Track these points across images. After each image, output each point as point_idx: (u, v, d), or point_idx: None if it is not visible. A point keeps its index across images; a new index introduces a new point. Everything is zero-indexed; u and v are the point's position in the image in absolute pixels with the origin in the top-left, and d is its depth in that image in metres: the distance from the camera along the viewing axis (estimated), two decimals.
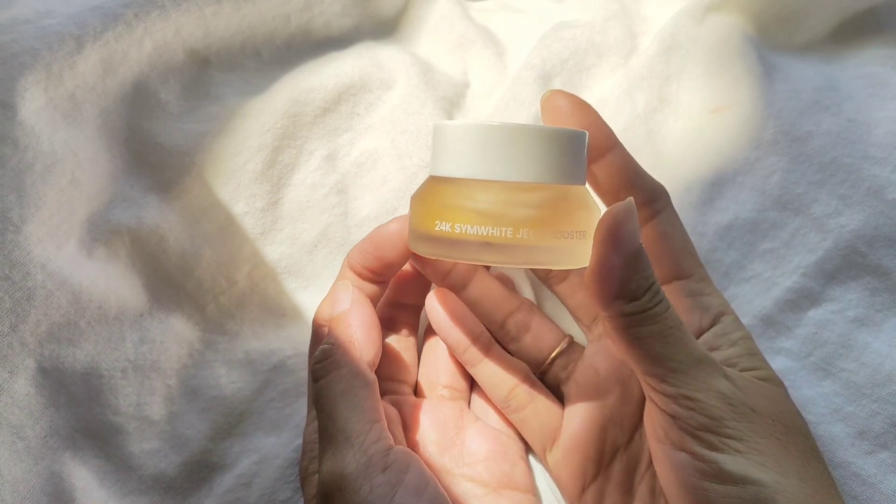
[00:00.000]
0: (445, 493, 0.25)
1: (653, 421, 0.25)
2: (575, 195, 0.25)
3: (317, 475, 0.27)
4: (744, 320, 0.34)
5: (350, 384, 0.26)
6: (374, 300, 0.30)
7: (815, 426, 0.32)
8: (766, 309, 0.34)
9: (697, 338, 0.27)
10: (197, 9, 0.37)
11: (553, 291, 0.33)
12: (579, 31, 0.42)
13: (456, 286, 0.31)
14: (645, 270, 0.24)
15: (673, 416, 0.24)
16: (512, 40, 0.44)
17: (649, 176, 0.29)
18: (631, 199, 0.24)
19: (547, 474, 0.31)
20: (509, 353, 0.32)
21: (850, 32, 0.43)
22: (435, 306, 0.31)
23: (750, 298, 0.34)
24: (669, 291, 0.28)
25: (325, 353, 0.27)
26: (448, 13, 0.43)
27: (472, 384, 0.33)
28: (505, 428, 0.31)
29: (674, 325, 0.24)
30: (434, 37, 0.43)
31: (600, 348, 0.31)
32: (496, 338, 0.32)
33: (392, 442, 0.25)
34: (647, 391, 0.25)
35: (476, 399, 0.33)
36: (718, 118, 0.38)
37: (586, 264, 0.25)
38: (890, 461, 0.31)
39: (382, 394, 0.31)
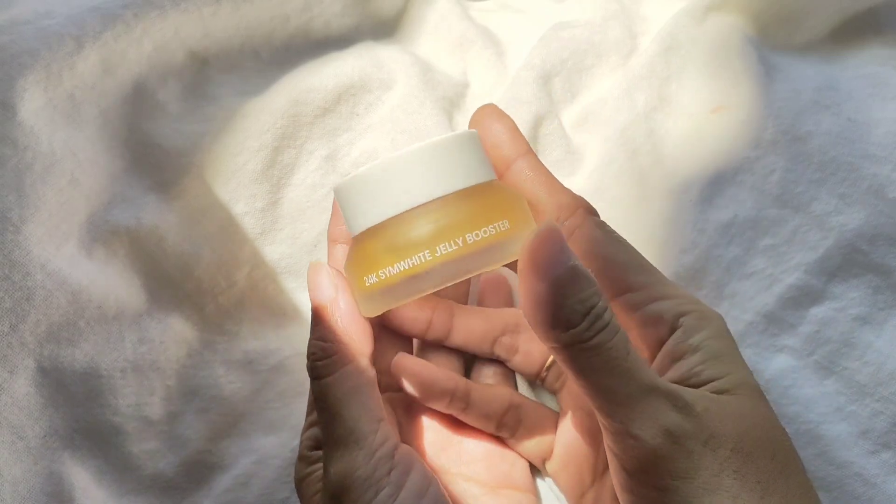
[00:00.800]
0: (446, 494, 0.25)
1: (608, 457, 0.24)
2: (493, 188, 0.25)
3: (313, 477, 0.26)
4: (746, 316, 0.34)
5: (356, 382, 0.25)
6: None
7: (818, 425, 0.32)
8: (768, 305, 0.34)
9: (659, 350, 0.25)
10: (196, 9, 0.37)
11: None
12: (579, 31, 0.42)
13: (439, 337, 0.31)
14: (579, 294, 0.22)
15: (619, 454, 0.23)
16: (512, 40, 0.44)
17: (563, 190, 0.27)
18: (550, 220, 0.23)
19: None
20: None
21: (850, 32, 0.43)
22: (403, 380, 0.30)
23: (751, 295, 0.34)
24: (615, 309, 0.27)
25: (324, 350, 0.25)
26: (448, 13, 0.43)
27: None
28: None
29: (619, 354, 0.22)
30: (434, 37, 0.43)
31: None
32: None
33: (397, 440, 0.25)
34: (601, 426, 0.24)
35: None
36: (718, 118, 0.38)
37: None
38: (893, 461, 0.31)
39: (380, 389, 0.30)
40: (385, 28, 0.44)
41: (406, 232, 0.23)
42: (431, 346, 0.31)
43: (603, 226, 0.26)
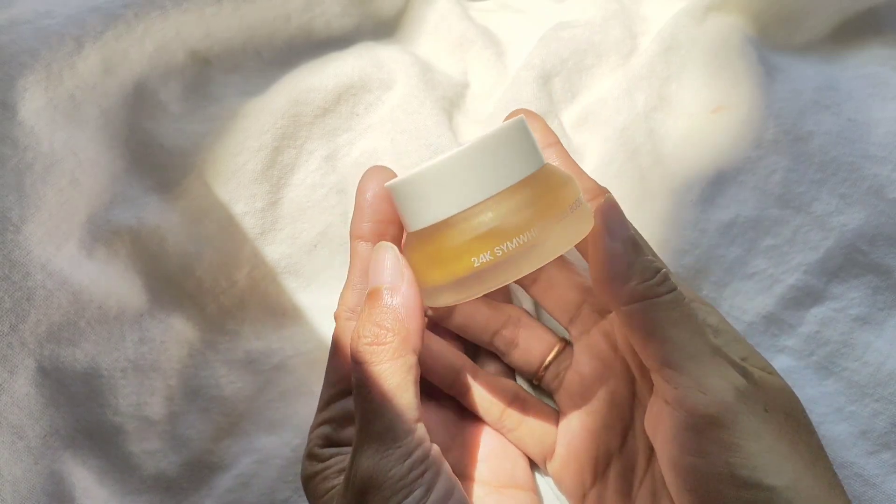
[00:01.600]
0: (467, 497, 0.24)
1: (661, 422, 0.24)
2: (547, 174, 0.25)
3: (323, 475, 0.26)
4: (746, 317, 0.34)
5: (405, 378, 0.24)
6: None
7: (818, 426, 0.32)
8: (768, 306, 0.34)
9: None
10: (197, 9, 0.37)
11: (529, 295, 0.32)
12: (579, 31, 0.42)
13: (441, 316, 0.31)
14: (647, 254, 0.24)
15: (687, 412, 0.23)
16: (512, 40, 0.44)
17: (587, 177, 0.29)
18: (609, 193, 0.25)
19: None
20: (506, 364, 0.32)
21: (851, 32, 0.43)
22: None
23: (752, 295, 0.34)
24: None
25: (378, 336, 0.24)
26: (448, 13, 0.43)
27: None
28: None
29: (690, 313, 0.24)
30: (434, 37, 0.43)
31: (583, 348, 0.30)
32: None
33: (430, 442, 0.24)
34: (660, 385, 0.24)
35: None
36: (719, 118, 0.38)
37: (591, 224, 0.25)
38: (892, 461, 0.31)
39: None
40: (385, 28, 0.44)
41: (505, 212, 0.24)
42: (434, 332, 0.31)
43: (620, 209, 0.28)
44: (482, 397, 0.30)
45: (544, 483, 0.31)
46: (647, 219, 0.36)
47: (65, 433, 0.30)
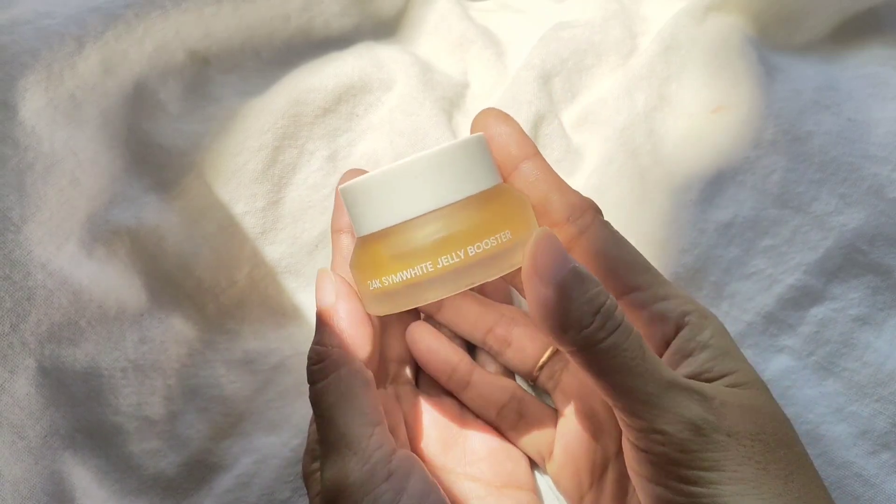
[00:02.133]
0: (447, 500, 0.25)
1: (628, 451, 0.24)
2: (499, 194, 0.25)
3: (318, 476, 0.26)
4: (746, 317, 0.34)
5: (349, 386, 0.25)
6: None
7: (817, 426, 0.32)
8: (768, 306, 0.34)
9: (665, 348, 0.25)
10: (197, 9, 0.37)
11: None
12: (579, 31, 0.42)
13: (429, 310, 0.31)
14: (585, 294, 0.22)
15: (645, 451, 0.23)
16: (512, 40, 0.44)
17: (571, 191, 0.27)
18: (544, 227, 0.23)
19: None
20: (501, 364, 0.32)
21: (850, 32, 0.43)
22: (413, 340, 0.30)
23: (751, 295, 0.34)
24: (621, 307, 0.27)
25: (319, 354, 0.26)
26: (448, 13, 0.43)
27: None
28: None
29: (636, 354, 0.22)
30: (434, 37, 0.43)
31: None
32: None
33: (394, 445, 0.25)
34: (620, 424, 0.24)
35: None
36: (719, 118, 0.38)
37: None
38: (892, 461, 0.31)
39: (385, 379, 0.30)
40: (385, 28, 0.44)
41: (409, 241, 0.23)
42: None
43: (609, 226, 0.26)
44: (478, 395, 0.30)
45: (544, 482, 0.31)
46: (646, 218, 0.36)
47: (65, 433, 0.30)
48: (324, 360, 0.25)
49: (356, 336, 0.26)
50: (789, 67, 0.40)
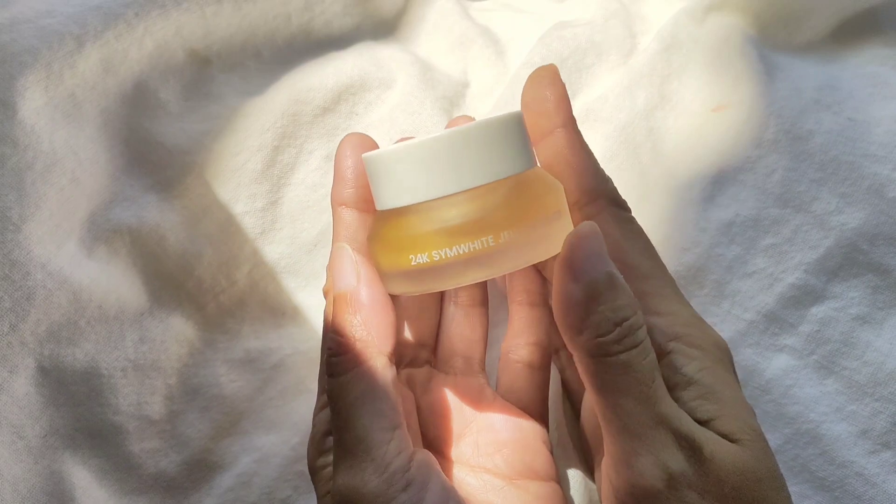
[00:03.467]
0: None
1: (603, 468, 0.23)
2: (533, 179, 0.24)
3: (325, 473, 0.25)
4: (746, 315, 0.34)
5: (370, 385, 0.23)
6: None
7: (818, 425, 0.32)
8: (769, 305, 0.34)
9: None
10: (198, 8, 0.37)
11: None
12: (580, 31, 0.42)
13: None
14: (614, 302, 0.21)
15: (614, 482, 0.22)
16: (512, 39, 0.44)
17: (590, 171, 0.25)
18: (590, 222, 0.22)
19: (572, 457, 0.30)
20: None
21: (851, 32, 0.43)
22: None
23: (752, 294, 0.34)
24: None
25: (340, 346, 0.23)
26: (448, 12, 0.43)
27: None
28: (525, 410, 0.29)
29: (645, 378, 0.21)
30: (434, 36, 0.43)
31: None
32: None
33: (412, 449, 0.23)
34: (605, 447, 0.23)
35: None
36: (719, 117, 0.38)
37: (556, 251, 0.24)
38: (893, 461, 0.31)
39: (399, 363, 0.29)
40: (385, 27, 0.44)
41: (469, 212, 0.22)
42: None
43: (622, 220, 0.25)
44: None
45: (575, 474, 0.30)
46: (647, 217, 0.36)
47: (65, 433, 0.30)
48: (345, 353, 0.23)
49: (380, 327, 0.24)
50: (790, 67, 0.40)
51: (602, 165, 0.37)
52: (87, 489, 0.30)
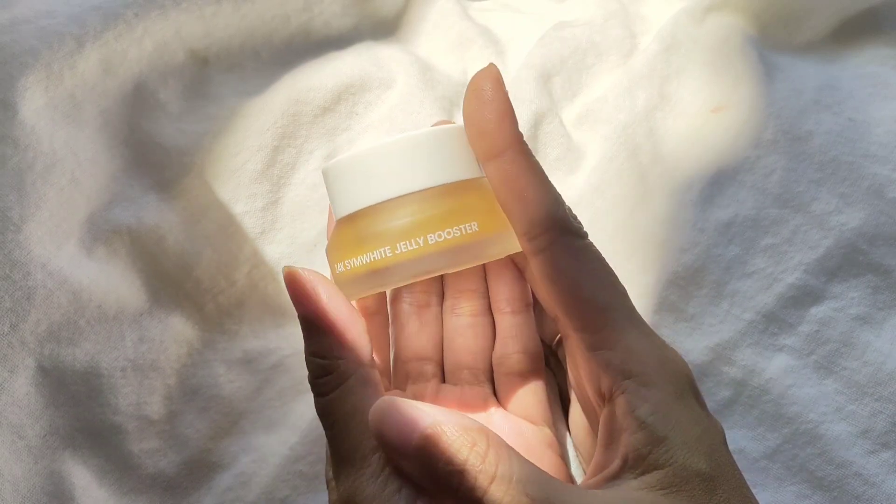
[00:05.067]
0: None
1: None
2: (481, 185, 0.24)
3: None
4: (745, 316, 0.34)
5: (359, 398, 0.23)
6: None
7: (818, 425, 0.32)
8: (768, 305, 0.34)
9: (602, 402, 0.24)
10: (197, 9, 0.37)
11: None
12: (579, 31, 0.42)
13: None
14: (444, 455, 0.20)
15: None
16: (512, 39, 0.44)
17: (539, 198, 0.23)
18: (385, 398, 0.21)
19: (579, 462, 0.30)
20: None
21: (851, 32, 0.43)
22: None
23: (752, 294, 0.34)
24: (568, 344, 0.26)
25: (323, 368, 0.24)
26: (448, 12, 0.43)
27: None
28: (529, 418, 0.29)
29: (525, 500, 0.20)
30: (434, 36, 0.43)
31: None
32: None
33: None
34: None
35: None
36: (719, 117, 0.38)
37: (518, 247, 0.24)
38: (892, 461, 0.31)
39: (404, 381, 0.29)
40: (385, 27, 0.44)
41: (372, 225, 0.23)
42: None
43: (576, 250, 0.24)
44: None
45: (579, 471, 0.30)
46: (646, 217, 0.36)
47: (64, 433, 0.30)
48: (329, 373, 0.24)
49: (353, 339, 0.24)
50: (789, 67, 0.40)
51: (602, 166, 0.37)
52: (87, 489, 0.30)
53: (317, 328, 0.24)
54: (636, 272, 0.35)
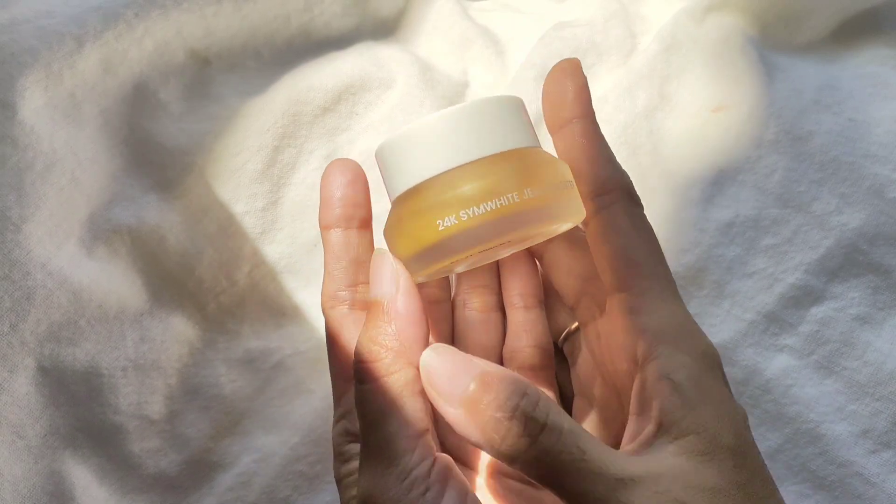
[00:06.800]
0: None
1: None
2: (540, 153, 0.24)
3: (350, 480, 0.25)
4: (746, 316, 0.34)
5: (399, 394, 0.23)
6: (367, 250, 0.27)
7: (818, 425, 0.32)
8: (768, 305, 0.34)
9: (634, 365, 0.24)
10: (198, 9, 0.37)
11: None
12: (580, 31, 0.42)
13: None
14: (496, 401, 0.21)
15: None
16: (512, 39, 0.44)
17: (606, 162, 0.25)
18: (433, 345, 0.22)
19: None
20: None
21: (851, 32, 0.43)
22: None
23: (752, 294, 0.34)
24: (609, 305, 0.25)
25: (371, 353, 0.23)
26: (448, 13, 0.43)
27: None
28: None
29: (573, 455, 0.20)
30: (434, 36, 0.43)
31: (584, 340, 0.29)
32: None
33: (434, 454, 0.23)
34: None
35: None
36: (719, 117, 0.38)
37: (584, 214, 0.24)
38: (893, 460, 0.31)
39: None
40: (385, 28, 0.44)
41: (487, 174, 0.22)
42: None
43: (634, 215, 0.25)
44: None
45: None
46: (647, 217, 0.36)
47: (65, 432, 0.30)
48: (376, 361, 0.23)
49: (413, 338, 0.23)
50: (790, 67, 0.40)
51: None
52: (88, 489, 0.30)
53: (383, 314, 0.24)
54: None
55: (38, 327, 0.29)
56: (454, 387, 0.21)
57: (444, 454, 0.24)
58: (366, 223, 0.28)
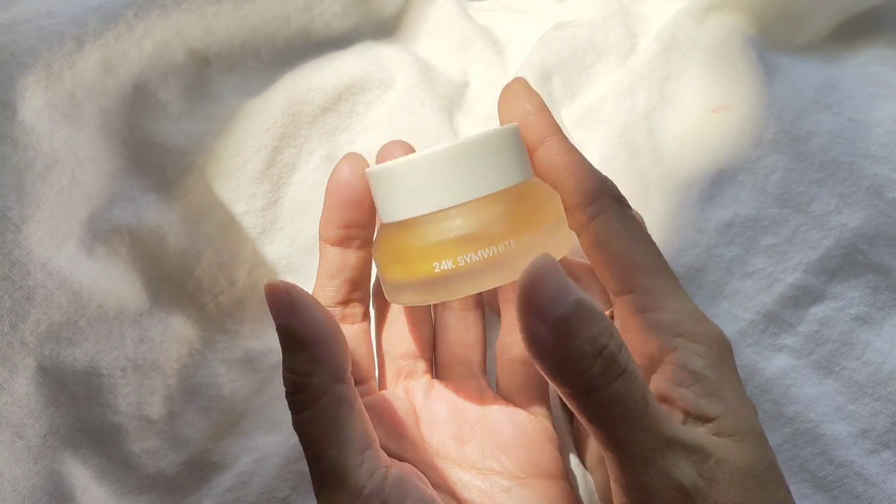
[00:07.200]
0: None
1: (614, 494, 0.22)
2: (535, 187, 0.24)
3: None
4: (746, 316, 0.34)
5: (334, 415, 0.23)
6: (364, 269, 0.28)
7: (818, 425, 0.32)
8: (767, 305, 0.34)
9: (649, 362, 0.24)
10: (197, 9, 0.37)
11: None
12: (580, 31, 0.42)
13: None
14: (587, 332, 0.20)
15: (619, 502, 0.21)
16: (512, 40, 0.44)
17: (589, 172, 0.25)
18: (544, 254, 0.21)
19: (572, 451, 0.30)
20: None
21: (851, 32, 0.43)
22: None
23: (751, 294, 0.34)
24: (617, 309, 0.25)
25: (296, 385, 0.23)
26: (448, 13, 0.43)
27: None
28: (528, 408, 0.29)
29: (639, 405, 0.20)
30: (434, 36, 0.43)
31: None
32: None
33: (385, 467, 0.23)
34: (608, 468, 0.22)
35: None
36: (719, 117, 0.38)
37: (571, 245, 0.24)
38: (893, 460, 0.31)
39: (396, 377, 0.29)
40: (385, 28, 0.44)
41: (483, 219, 0.23)
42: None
43: (626, 218, 0.25)
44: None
45: (579, 469, 0.30)
46: (646, 218, 0.36)
47: (64, 432, 0.30)
48: (303, 391, 0.23)
49: (330, 354, 0.23)
50: (790, 67, 0.40)
51: (602, 167, 0.37)
52: (87, 489, 0.30)
53: (293, 342, 0.23)
54: None
55: (38, 327, 0.29)
56: (551, 304, 0.20)
57: (402, 463, 0.24)
58: (365, 244, 0.28)
